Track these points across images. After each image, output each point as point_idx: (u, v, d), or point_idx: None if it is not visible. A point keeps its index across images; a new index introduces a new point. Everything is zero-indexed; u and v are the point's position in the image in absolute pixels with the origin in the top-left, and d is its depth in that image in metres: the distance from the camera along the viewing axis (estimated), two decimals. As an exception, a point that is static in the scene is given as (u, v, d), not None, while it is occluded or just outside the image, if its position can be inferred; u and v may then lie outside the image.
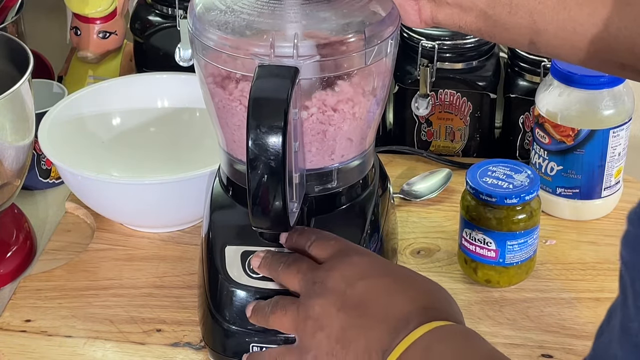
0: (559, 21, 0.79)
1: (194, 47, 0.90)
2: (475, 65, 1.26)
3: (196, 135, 1.23)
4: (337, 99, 0.87)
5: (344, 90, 0.88)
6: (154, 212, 1.11)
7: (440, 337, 0.75)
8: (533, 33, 0.81)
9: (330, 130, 0.88)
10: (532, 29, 0.81)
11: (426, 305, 0.78)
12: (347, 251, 0.85)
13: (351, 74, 0.87)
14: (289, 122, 0.80)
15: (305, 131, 0.88)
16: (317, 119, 0.88)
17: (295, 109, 0.84)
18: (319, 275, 0.83)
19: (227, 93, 0.89)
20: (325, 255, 0.86)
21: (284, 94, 0.79)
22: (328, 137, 0.89)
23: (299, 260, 0.87)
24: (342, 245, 0.87)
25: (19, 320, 1.03)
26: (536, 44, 0.82)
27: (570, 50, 0.80)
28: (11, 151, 1.05)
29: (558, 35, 0.80)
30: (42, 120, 1.15)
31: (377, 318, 0.78)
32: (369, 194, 0.96)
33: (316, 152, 0.90)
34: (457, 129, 1.29)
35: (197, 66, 0.92)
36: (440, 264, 1.11)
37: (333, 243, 0.87)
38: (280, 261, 0.88)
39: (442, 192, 1.21)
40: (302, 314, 0.83)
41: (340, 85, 0.87)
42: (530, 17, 0.81)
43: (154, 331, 1.01)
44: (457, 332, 0.77)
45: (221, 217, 0.95)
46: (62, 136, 1.16)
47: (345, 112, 0.88)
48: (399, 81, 1.28)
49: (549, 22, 0.80)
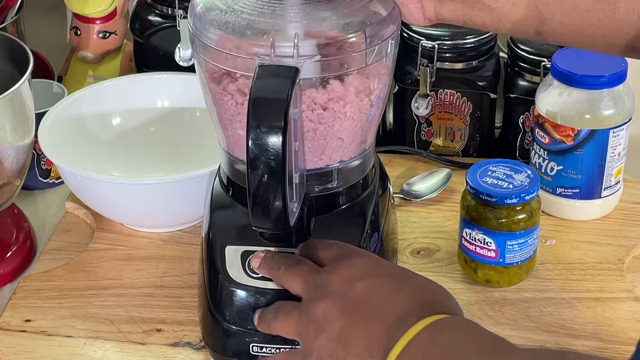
0: (565, 9, 0.79)
1: (195, 47, 0.90)
2: (475, 65, 1.26)
3: (196, 135, 1.23)
4: (337, 97, 0.87)
5: (346, 89, 0.88)
6: (154, 212, 1.11)
7: (442, 329, 0.75)
8: (539, 23, 0.81)
9: (336, 125, 0.88)
10: (538, 18, 0.81)
11: (424, 302, 0.78)
12: (348, 254, 0.85)
13: (351, 74, 0.87)
14: (289, 122, 0.79)
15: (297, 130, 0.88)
16: (315, 116, 0.88)
17: (295, 109, 0.84)
18: (321, 278, 0.83)
19: (220, 88, 0.89)
20: (326, 258, 0.86)
21: (285, 94, 0.79)
22: (318, 136, 0.89)
23: (300, 263, 0.87)
24: (343, 249, 0.87)
25: (18, 320, 1.03)
26: (542, 34, 0.82)
27: (578, 36, 0.80)
28: (11, 151, 1.05)
29: (564, 23, 0.80)
30: (42, 120, 1.15)
31: (376, 316, 0.78)
32: (369, 194, 0.96)
33: (307, 151, 0.90)
34: (457, 129, 1.29)
35: (198, 65, 0.92)
36: (440, 264, 1.11)
37: (335, 247, 0.87)
38: (280, 263, 0.88)
39: (442, 192, 1.21)
40: (304, 318, 0.83)
41: (340, 84, 0.87)
42: (535, 7, 0.80)
43: (154, 331, 1.01)
44: (459, 323, 0.77)
45: (221, 217, 0.95)
46: (62, 136, 1.16)
47: (346, 112, 0.88)
48: (399, 81, 1.28)
49: (554, 11, 0.80)
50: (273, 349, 0.91)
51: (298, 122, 0.86)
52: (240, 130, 0.90)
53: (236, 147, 0.92)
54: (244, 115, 0.88)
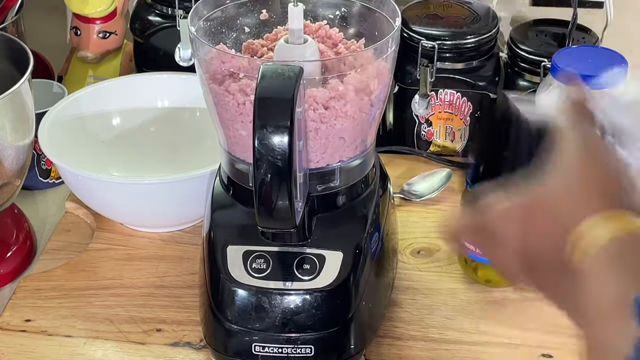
0: None
1: (195, 47, 0.90)
2: (475, 65, 1.26)
3: (196, 135, 1.23)
4: (338, 96, 0.87)
5: (346, 88, 0.88)
6: (154, 212, 1.11)
7: None
8: None
9: (337, 125, 0.88)
10: None
11: None
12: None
13: (351, 73, 0.87)
14: (294, 122, 0.80)
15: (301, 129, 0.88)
16: (317, 116, 0.88)
17: (299, 108, 0.84)
18: None
19: (222, 88, 0.89)
20: None
21: (290, 93, 0.79)
22: (320, 135, 0.89)
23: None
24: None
25: (19, 320, 1.03)
26: None
27: None
28: (11, 151, 1.05)
29: None
30: (42, 120, 1.15)
31: None
32: (369, 194, 0.96)
33: (309, 150, 0.90)
34: (457, 129, 1.29)
35: (198, 66, 0.92)
36: (440, 264, 1.11)
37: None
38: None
39: (442, 192, 1.21)
40: None
41: (340, 84, 0.88)
42: None
43: (154, 331, 1.01)
44: None
45: (222, 217, 0.95)
46: (62, 136, 1.16)
47: (347, 111, 0.88)
48: (399, 81, 1.28)
49: None
50: (275, 349, 0.91)
51: (302, 122, 0.86)
52: (242, 130, 0.90)
53: (237, 147, 0.92)
54: (246, 115, 0.88)
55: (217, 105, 0.91)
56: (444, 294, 1.06)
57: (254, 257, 0.93)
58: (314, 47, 0.90)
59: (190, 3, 1.29)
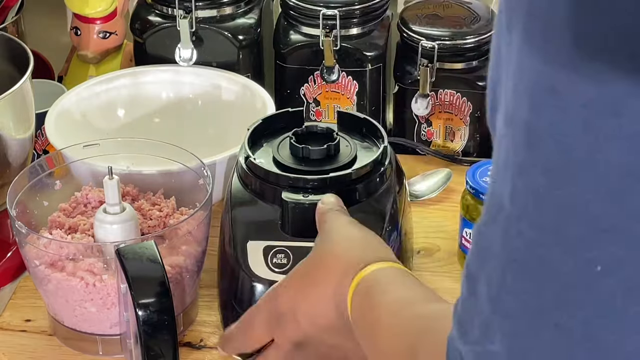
0: None
1: (24, 242, 0.96)
2: (475, 65, 1.26)
3: (200, 125, 1.24)
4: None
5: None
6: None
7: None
8: None
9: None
10: None
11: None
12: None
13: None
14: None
15: None
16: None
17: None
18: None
19: (64, 274, 0.94)
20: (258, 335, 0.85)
21: (161, 271, 0.86)
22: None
23: None
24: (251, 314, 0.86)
25: (19, 320, 1.03)
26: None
27: None
28: (12, 151, 1.06)
29: None
30: (48, 114, 1.16)
31: None
32: (386, 189, 0.96)
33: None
34: (457, 129, 1.29)
35: (27, 260, 0.97)
36: (440, 264, 1.11)
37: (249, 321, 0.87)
38: None
39: (442, 192, 1.21)
40: None
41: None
42: None
43: (154, 331, 1.01)
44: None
45: (242, 213, 0.96)
46: (67, 129, 1.17)
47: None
48: (399, 81, 1.28)
49: None
50: None
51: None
52: (92, 308, 0.95)
53: (85, 323, 0.97)
54: (96, 294, 0.94)
55: (60, 290, 0.96)
56: (444, 294, 1.06)
57: (275, 252, 0.93)
58: (132, 212, 0.97)
59: (190, 3, 1.30)
